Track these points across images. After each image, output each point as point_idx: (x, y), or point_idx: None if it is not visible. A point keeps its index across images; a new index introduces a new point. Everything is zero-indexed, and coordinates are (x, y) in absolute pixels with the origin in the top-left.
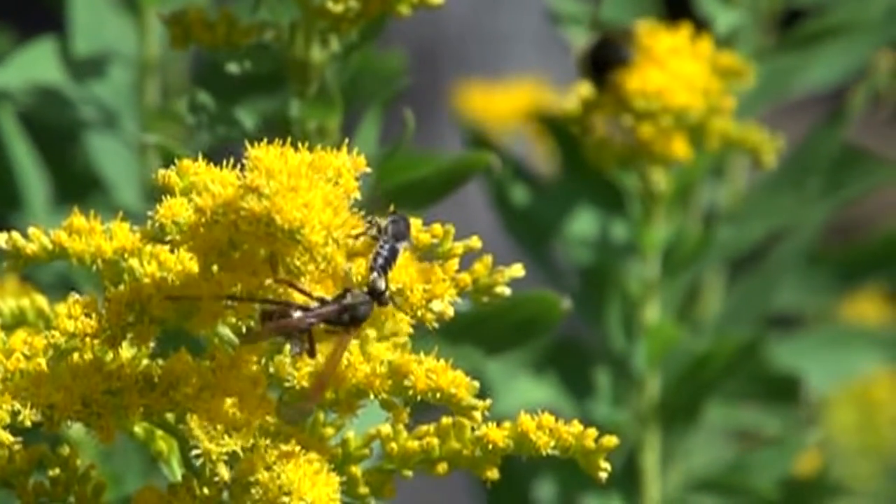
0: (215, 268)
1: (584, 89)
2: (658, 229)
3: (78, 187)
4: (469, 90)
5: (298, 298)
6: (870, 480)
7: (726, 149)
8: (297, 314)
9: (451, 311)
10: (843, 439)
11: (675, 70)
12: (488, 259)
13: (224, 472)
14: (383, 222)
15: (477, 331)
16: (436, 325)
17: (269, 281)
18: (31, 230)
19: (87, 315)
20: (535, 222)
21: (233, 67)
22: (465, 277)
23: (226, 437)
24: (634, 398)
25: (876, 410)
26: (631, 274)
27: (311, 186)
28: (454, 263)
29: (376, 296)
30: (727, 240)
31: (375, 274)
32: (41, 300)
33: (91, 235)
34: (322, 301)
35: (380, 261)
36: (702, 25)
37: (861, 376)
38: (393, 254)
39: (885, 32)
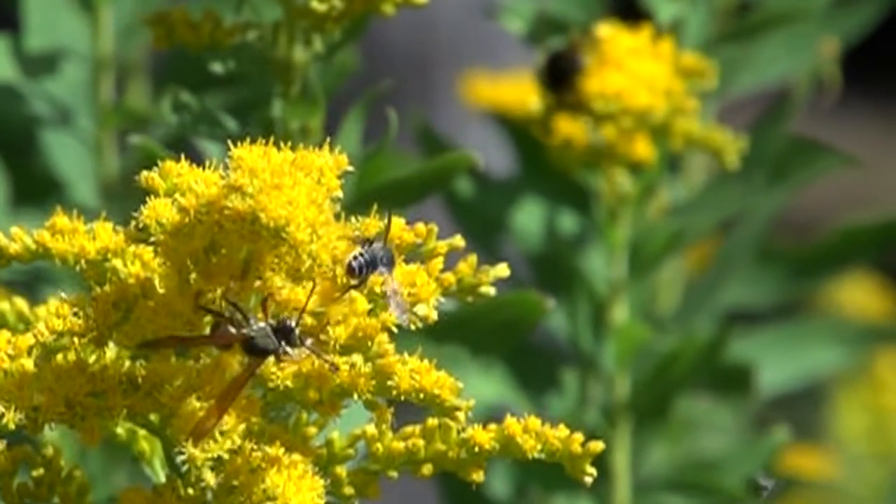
0: (193, 275)
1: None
2: (624, 229)
3: (34, 186)
4: (476, 80)
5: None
6: (880, 486)
7: (689, 149)
8: (223, 328)
9: (434, 315)
10: (854, 445)
11: (635, 71)
12: (473, 259)
13: (210, 478)
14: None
15: (460, 331)
16: (419, 326)
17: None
18: (14, 230)
19: (75, 314)
20: (487, 219)
21: (216, 67)
22: (450, 277)
23: (210, 441)
24: (603, 398)
25: (886, 416)
26: (597, 274)
27: (294, 184)
28: (438, 263)
29: (283, 333)
30: (675, 230)
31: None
32: (21, 303)
33: (74, 235)
34: (246, 322)
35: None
36: (645, 17)
37: (821, 373)
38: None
39: (832, 23)
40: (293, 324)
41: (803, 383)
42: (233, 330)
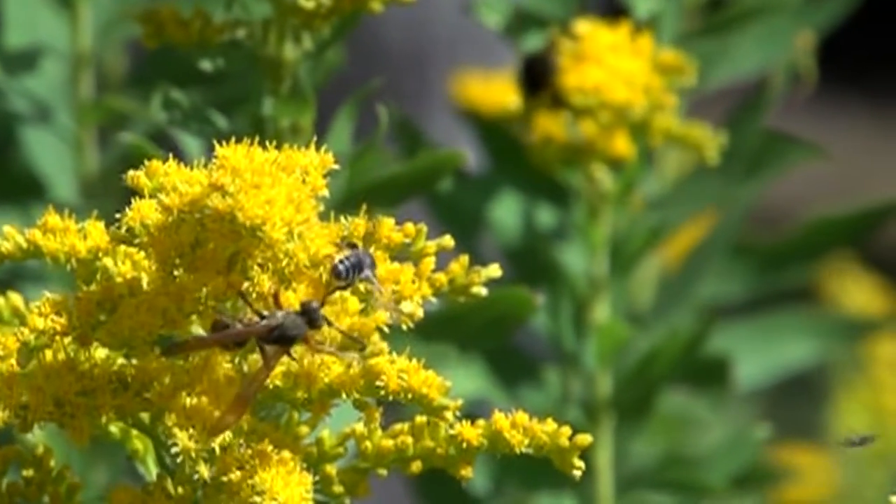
0: (179, 271)
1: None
2: (604, 227)
3: (13, 183)
4: (467, 80)
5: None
6: (881, 488)
7: (669, 145)
8: (235, 328)
9: (420, 313)
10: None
11: (614, 66)
12: (464, 259)
13: (204, 471)
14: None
15: (449, 329)
16: (409, 324)
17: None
18: (5, 228)
19: (58, 313)
20: (466, 216)
21: (205, 65)
22: (441, 278)
23: (204, 434)
24: (585, 395)
25: (887, 418)
26: (578, 271)
27: (274, 183)
28: (429, 263)
29: (309, 317)
30: (656, 226)
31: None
32: (17, 298)
33: (65, 234)
34: (261, 316)
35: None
36: (623, 13)
37: (792, 367)
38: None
39: (805, 16)
40: (317, 305)
41: (778, 377)
42: (244, 323)
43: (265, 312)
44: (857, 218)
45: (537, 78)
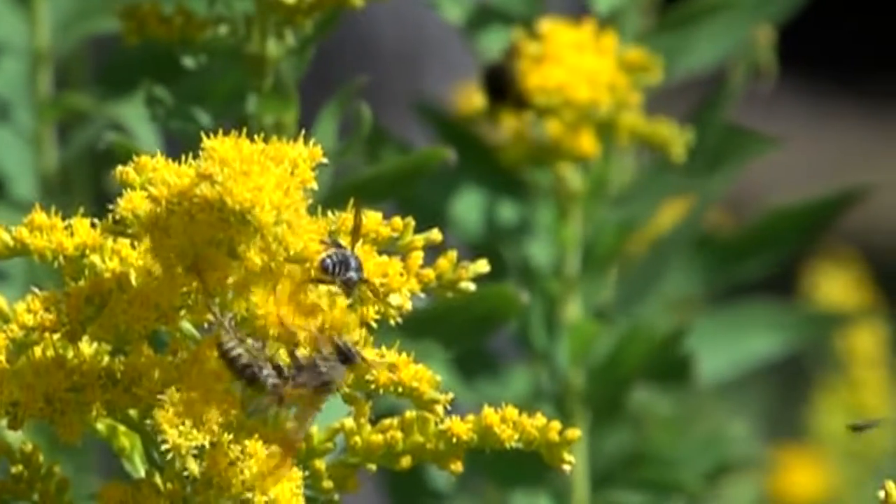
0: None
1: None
2: (574, 227)
3: None
4: (458, 88)
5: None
6: (858, 485)
7: (635, 143)
8: (271, 381)
9: (409, 305)
10: (832, 444)
11: (576, 65)
12: (452, 254)
13: (194, 467)
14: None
15: (436, 326)
16: (398, 319)
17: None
18: None
19: (47, 309)
20: (431, 212)
21: (188, 62)
22: (429, 273)
23: (194, 431)
24: (556, 392)
25: (865, 415)
26: (547, 270)
27: (263, 171)
28: (418, 258)
29: (348, 360)
30: (620, 221)
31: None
32: None
33: (52, 231)
34: (297, 366)
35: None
36: (587, 11)
37: (757, 361)
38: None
39: (763, 9)
40: (354, 350)
41: (741, 371)
42: (295, 377)
43: (301, 360)
44: (816, 207)
45: (500, 86)
